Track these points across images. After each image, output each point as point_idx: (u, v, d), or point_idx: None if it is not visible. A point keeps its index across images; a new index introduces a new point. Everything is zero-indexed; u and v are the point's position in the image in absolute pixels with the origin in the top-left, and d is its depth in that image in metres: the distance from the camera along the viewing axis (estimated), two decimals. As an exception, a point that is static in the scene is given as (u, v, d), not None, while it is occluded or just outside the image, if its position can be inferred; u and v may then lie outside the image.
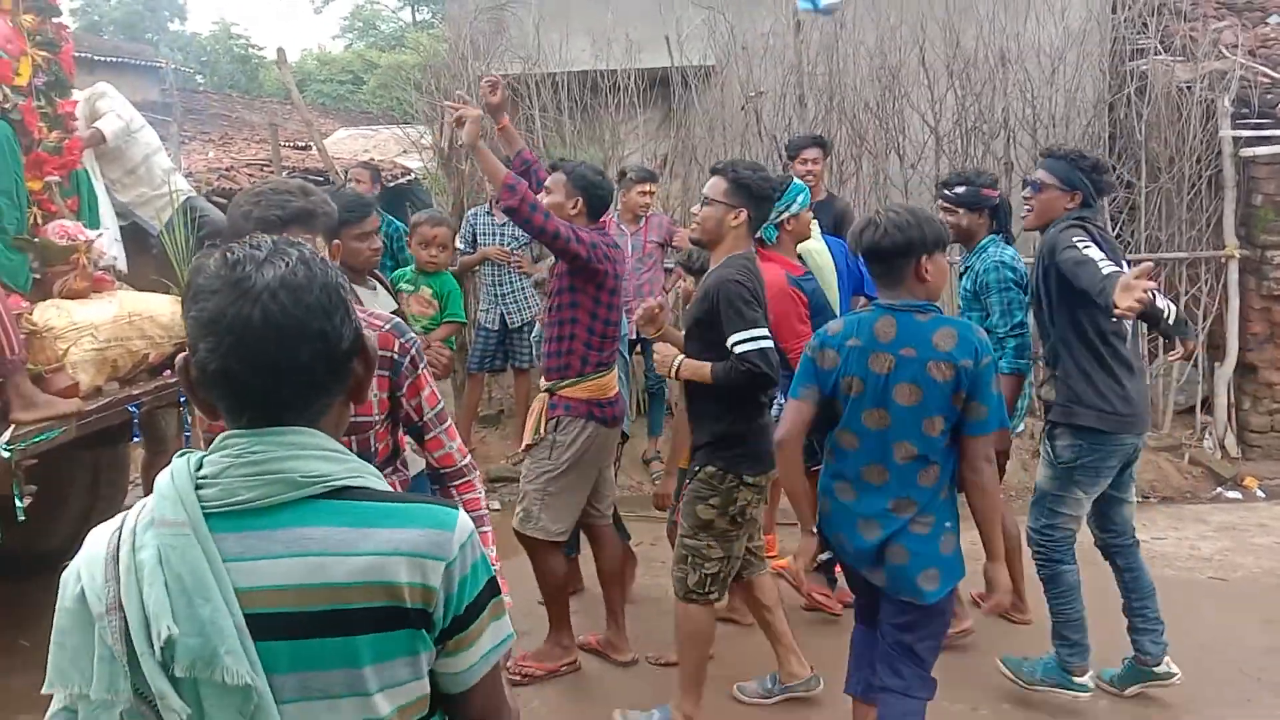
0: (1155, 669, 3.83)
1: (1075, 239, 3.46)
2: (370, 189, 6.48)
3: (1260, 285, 6.92)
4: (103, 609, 1.19)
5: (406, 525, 1.23)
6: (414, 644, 1.24)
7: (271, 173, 9.29)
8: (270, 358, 1.21)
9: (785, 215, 4.23)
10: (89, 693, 1.20)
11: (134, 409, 4.12)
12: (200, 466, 1.24)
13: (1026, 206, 3.81)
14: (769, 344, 3.29)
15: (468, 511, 1.99)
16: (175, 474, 1.24)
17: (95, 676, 1.19)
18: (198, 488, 1.22)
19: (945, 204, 4.24)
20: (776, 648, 3.91)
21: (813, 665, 3.90)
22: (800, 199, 4.24)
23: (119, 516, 1.27)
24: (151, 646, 1.16)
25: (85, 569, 1.23)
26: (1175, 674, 3.82)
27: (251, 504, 1.21)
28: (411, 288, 4.77)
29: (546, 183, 3.96)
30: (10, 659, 3.91)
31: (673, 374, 3.51)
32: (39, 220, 4.32)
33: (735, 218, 3.40)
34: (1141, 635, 3.81)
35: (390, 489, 1.32)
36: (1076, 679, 3.77)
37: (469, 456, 2.42)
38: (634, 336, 6.31)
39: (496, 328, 6.67)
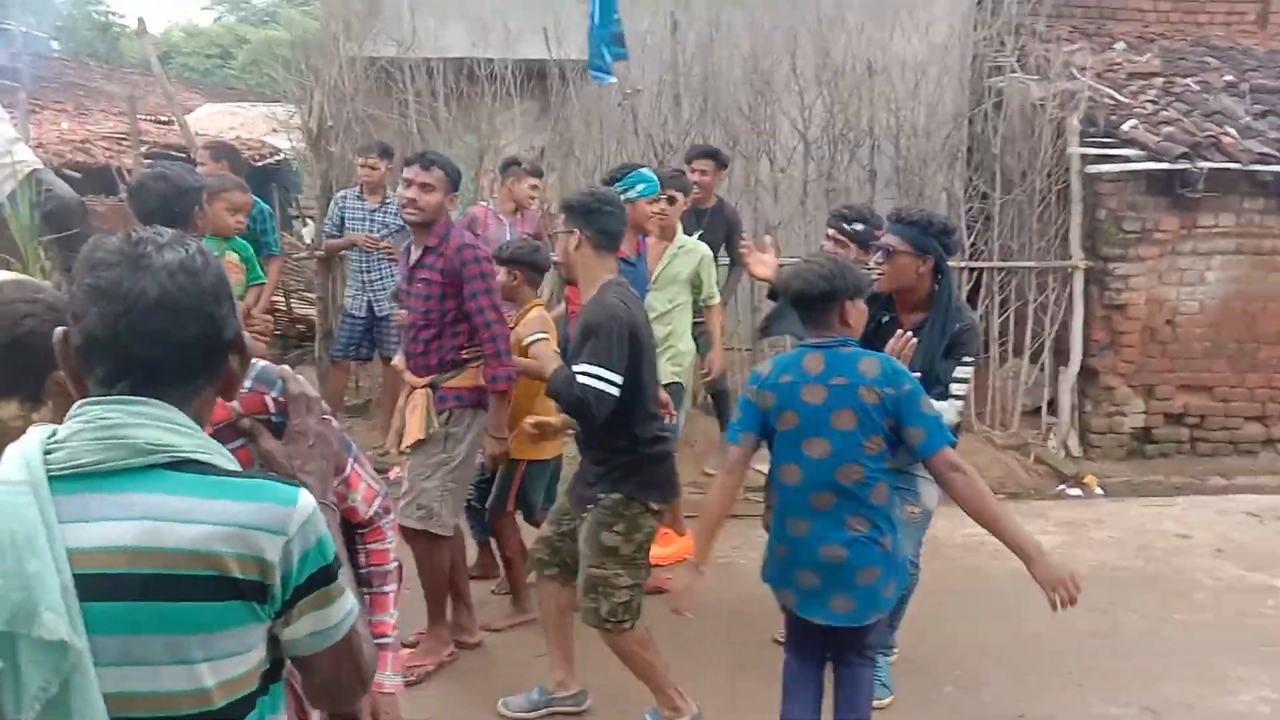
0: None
1: (969, 357, 3.62)
2: (215, 169, 5.86)
3: (1103, 295, 7.32)
4: None
5: (245, 499, 1.26)
6: (244, 616, 1.26)
7: (129, 147, 8.89)
8: (160, 329, 1.26)
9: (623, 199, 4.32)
10: None
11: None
12: (54, 434, 1.27)
13: (878, 271, 3.82)
14: (613, 392, 3.27)
15: (370, 565, 1.98)
16: (26, 440, 1.26)
17: None
18: (48, 452, 1.24)
19: (840, 234, 4.26)
20: (552, 655, 3.82)
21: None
22: (638, 189, 4.30)
23: None
24: None
25: None
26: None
27: (94, 467, 1.23)
28: (218, 254, 4.65)
29: (423, 179, 3.81)
30: None
31: (523, 344, 3.53)
32: None
33: (575, 242, 3.43)
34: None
35: (238, 466, 1.34)
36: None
37: (377, 501, 2.00)
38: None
39: (363, 314, 6.55)
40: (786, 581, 3.11)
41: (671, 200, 4.80)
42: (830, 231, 4.36)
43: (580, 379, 3.25)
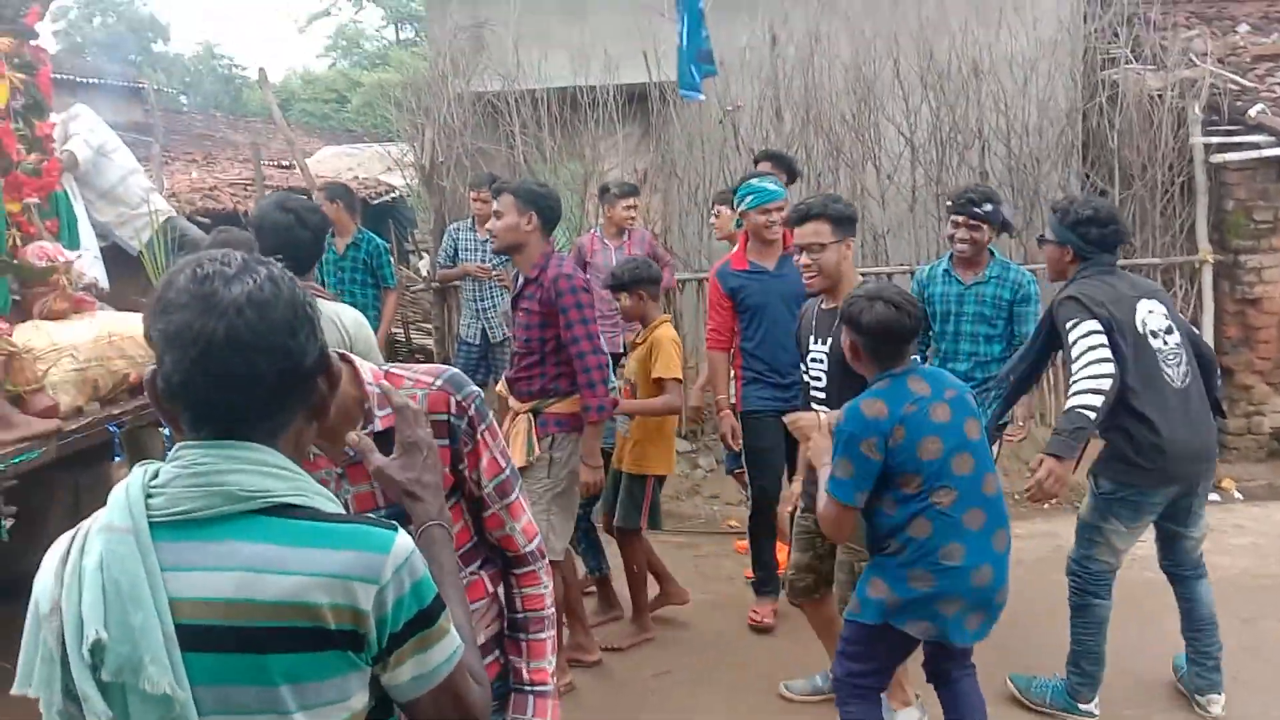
0: (1196, 697, 3.86)
1: (1070, 320, 3.55)
2: (330, 209, 6.00)
3: (1234, 289, 7.00)
4: (47, 610, 1.23)
5: (338, 547, 1.23)
6: (341, 665, 1.24)
7: (254, 192, 9.31)
8: (232, 372, 1.23)
9: (739, 210, 4.58)
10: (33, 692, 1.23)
11: (114, 429, 4.13)
12: (156, 476, 1.27)
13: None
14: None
15: (526, 611, 1.87)
16: (130, 482, 1.26)
17: (36, 675, 1.23)
18: (149, 496, 1.24)
19: (973, 220, 4.33)
20: (829, 645, 3.93)
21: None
22: (747, 200, 4.49)
23: (83, 523, 1.29)
24: (81, 649, 1.18)
25: (41, 571, 1.27)
26: (1212, 714, 3.82)
27: (192, 515, 1.22)
28: None
29: (495, 207, 3.94)
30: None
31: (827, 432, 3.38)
32: (18, 242, 4.35)
33: (841, 252, 3.58)
34: (1191, 664, 3.89)
35: (338, 509, 1.31)
36: (1081, 706, 3.80)
37: (537, 540, 1.93)
38: (621, 350, 6.38)
39: (478, 342, 6.70)
40: (923, 613, 2.95)
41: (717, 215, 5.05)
42: (959, 219, 4.37)
43: None
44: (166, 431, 4.29)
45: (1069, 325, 3.55)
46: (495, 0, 7.90)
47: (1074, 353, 3.50)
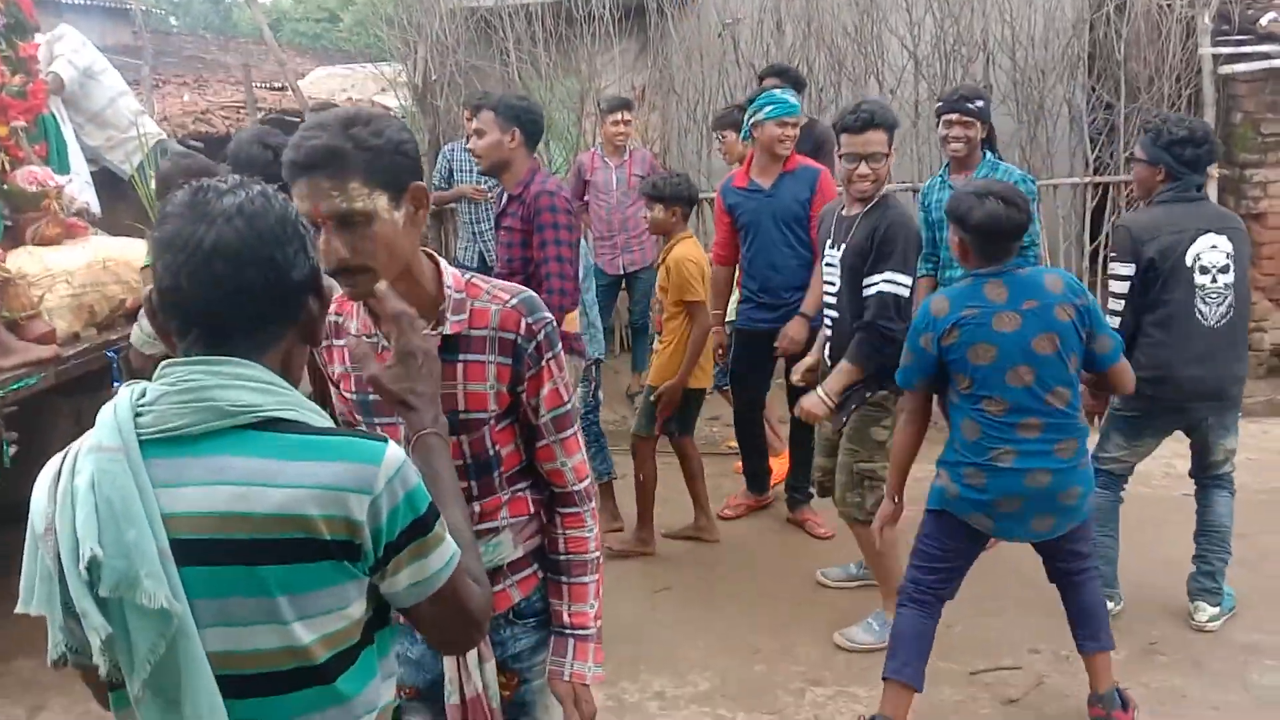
0: (1189, 601, 3.95)
1: (1112, 254, 3.79)
2: None
3: (1239, 204, 6.90)
4: (42, 530, 1.24)
5: (330, 459, 1.25)
6: (337, 575, 1.26)
7: (246, 115, 9.17)
8: (216, 277, 1.24)
9: (752, 121, 4.43)
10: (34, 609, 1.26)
11: (112, 354, 4.12)
12: (144, 395, 1.27)
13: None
14: (907, 294, 3.51)
15: (569, 553, 1.85)
16: (118, 402, 1.27)
17: (36, 594, 1.25)
18: (137, 415, 1.25)
19: (965, 117, 4.33)
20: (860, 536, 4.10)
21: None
22: (765, 110, 4.35)
23: (72, 444, 1.29)
24: (78, 566, 1.20)
25: (34, 493, 1.28)
26: (1198, 622, 3.90)
27: (182, 431, 1.23)
28: None
29: (475, 125, 3.85)
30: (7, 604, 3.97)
31: (831, 402, 3.66)
32: (6, 166, 4.29)
33: (888, 164, 3.64)
34: (1194, 568, 3.96)
35: (328, 424, 1.32)
36: None
37: (587, 481, 1.90)
38: (620, 273, 6.36)
39: (475, 265, 6.65)
40: (980, 508, 3.07)
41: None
42: (953, 117, 4.35)
43: (884, 287, 3.49)
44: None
45: (1111, 258, 3.78)
46: (487, -89, 7.68)
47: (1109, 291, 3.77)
